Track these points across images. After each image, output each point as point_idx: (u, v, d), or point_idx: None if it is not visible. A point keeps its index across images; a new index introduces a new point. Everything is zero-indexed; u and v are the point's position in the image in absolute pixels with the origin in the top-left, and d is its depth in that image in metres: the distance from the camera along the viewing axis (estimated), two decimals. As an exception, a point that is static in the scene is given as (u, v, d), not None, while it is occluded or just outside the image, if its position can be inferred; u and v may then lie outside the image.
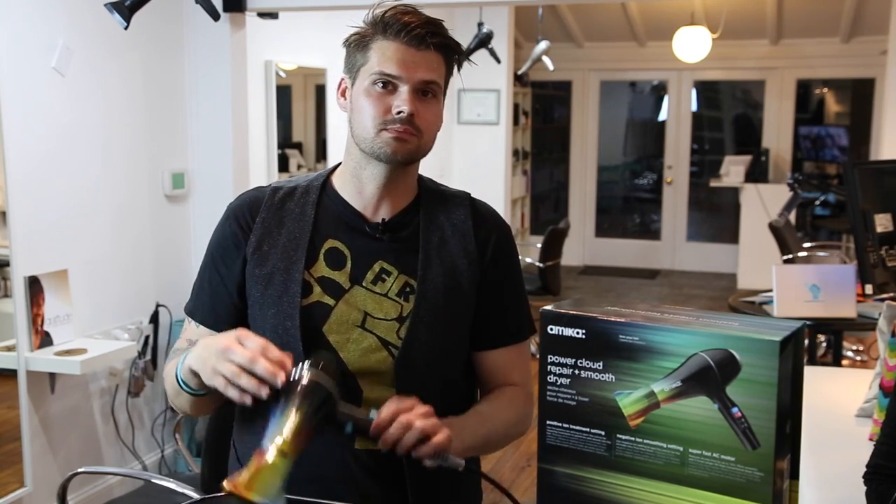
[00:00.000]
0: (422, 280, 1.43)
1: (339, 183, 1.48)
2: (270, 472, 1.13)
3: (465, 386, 1.53)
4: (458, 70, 1.46)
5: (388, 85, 1.36)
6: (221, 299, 1.48)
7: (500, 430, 1.46)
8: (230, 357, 1.20)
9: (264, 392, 1.18)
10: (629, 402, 1.07)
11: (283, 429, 1.16)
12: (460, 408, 1.50)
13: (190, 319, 1.51)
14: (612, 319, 1.08)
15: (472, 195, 1.55)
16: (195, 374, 1.28)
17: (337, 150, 5.32)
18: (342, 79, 1.45)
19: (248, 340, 1.21)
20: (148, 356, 3.74)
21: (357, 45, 1.40)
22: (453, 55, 1.42)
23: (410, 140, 1.37)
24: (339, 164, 1.50)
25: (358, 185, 1.45)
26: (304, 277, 1.42)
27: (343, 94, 1.45)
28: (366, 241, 1.44)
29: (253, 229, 1.45)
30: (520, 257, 1.59)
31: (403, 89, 1.36)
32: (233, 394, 1.20)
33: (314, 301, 1.41)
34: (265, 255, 1.44)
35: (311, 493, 1.38)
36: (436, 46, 1.38)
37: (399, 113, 1.35)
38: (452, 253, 1.46)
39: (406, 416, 1.21)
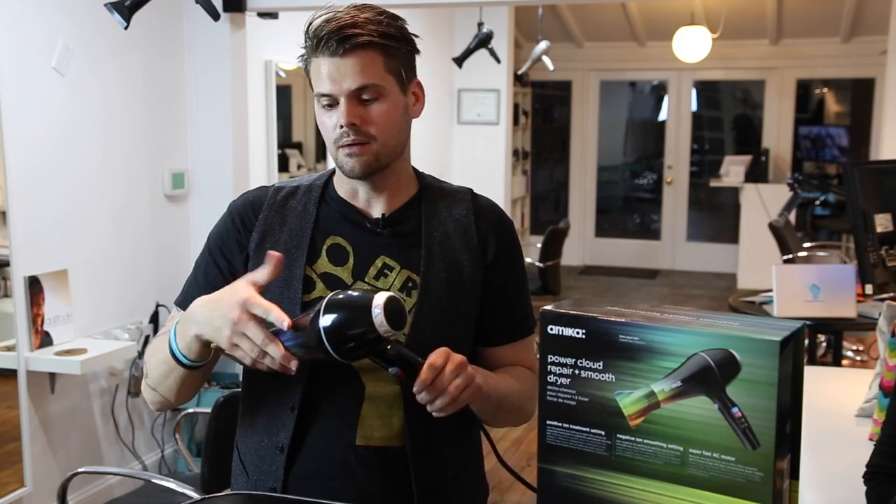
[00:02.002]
0: (425, 275, 1.43)
1: (338, 183, 1.49)
2: None
3: None
4: (419, 53, 1.42)
5: (330, 102, 1.36)
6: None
7: (516, 393, 1.47)
8: (245, 333, 1.21)
9: (293, 366, 1.21)
10: (629, 402, 1.07)
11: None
12: None
13: (179, 309, 1.47)
14: (612, 319, 1.08)
15: (473, 191, 1.54)
16: (199, 342, 1.27)
17: (337, 150, 5.31)
18: None
19: (255, 307, 1.21)
20: (148, 356, 3.73)
21: (304, 65, 1.40)
22: (389, 44, 1.36)
23: (364, 151, 1.36)
24: None
25: (352, 187, 1.46)
26: (306, 273, 1.42)
27: None
28: (367, 236, 1.45)
29: (255, 228, 1.46)
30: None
31: (341, 101, 1.35)
32: (260, 367, 1.23)
33: (317, 297, 1.41)
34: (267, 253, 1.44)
35: (312, 491, 1.38)
36: (358, 47, 1.33)
37: (340, 127, 1.35)
38: (455, 248, 1.46)
39: (440, 383, 1.24)
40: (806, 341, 3.92)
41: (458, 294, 1.45)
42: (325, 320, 1.18)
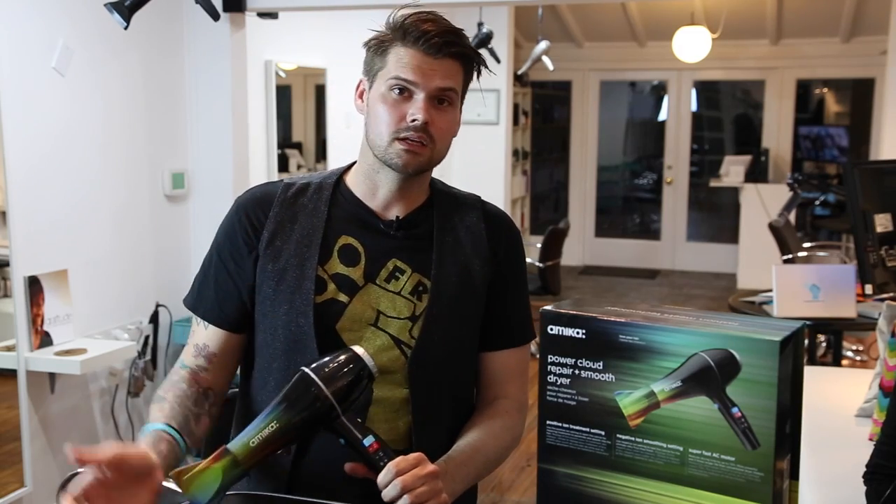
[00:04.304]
0: (436, 279, 1.43)
1: (353, 182, 1.48)
2: (212, 476, 1.14)
3: (473, 389, 1.53)
4: (478, 78, 1.46)
5: (403, 91, 1.36)
6: (229, 296, 1.46)
7: (493, 458, 1.46)
8: None
9: None
10: (629, 402, 1.07)
11: (256, 435, 1.17)
12: (469, 406, 1.50)
13: (198, 320, 1.48)
14: (612, 319, 1.08)
15: (482, 198, 1.55)
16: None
17: (337, 150, 5.32)
18: (360, 80, 1.45)
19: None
20: (148, 356, 3.74)
21: (376, 49, 1.40)
22: (472, 63, 1.42)
23: (422, 152, 1.37)
24: (354, 163, 1.50)
25: (371, 186, 1.45)
26: (318, 273, 1.41)
27: (361, 96, 1.45)
28: (380, 238, 1.44)
29: (265, 225, 1.44)
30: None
31: (419, 97, 1.36)
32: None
33: (328, 298, 1.41)
34: (278, 251, 1.43)
35: (312, 494, 1.38)
36: (454, 55, 1.37)
37: (413, 121, 1.35)
38: (466, 253, 1.46)
39: (403, 480, 1.20)
40: (806, 341, 3.92)
41: (468, 299, 1.45)
42: (312, 367, 1.21)
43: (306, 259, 1.41)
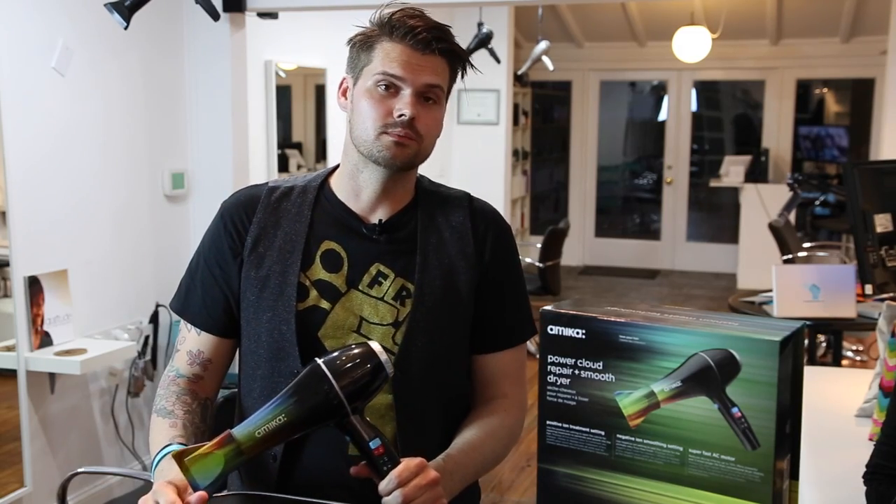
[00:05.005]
0: (419, 283, 1.40)
1: (337, 184, 1.46)
2: (214, 462, 1.14)
3: (465, 389, 1.51)
4: (462, 77, 1.44)
5: (390, 87, 1.34)
6: (216, 301, 1.45)
7: (490, 457, 1.45)
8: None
9: None
10: (629, 402, 1.07)
11: (263, 426, 1.15)
12: (458, 412, 1.48)
13: (188, 326, 1.47)
14: (612, 319, 1.08)
15: (471, 195, 1.53)
16: None
17: (337, 150, 5.31)
18: (344, 78, 1.43)
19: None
20: (148, 356, 3.74)
21: (362, 44, 1.38)
22: (458, 62, 1.40)
23: (410, 145, 1.35)
24: (338, 165, 1.48)
25: (355, 187, 1.43)
26: (300, 280, 1.40)
27: (344, 94, 1.43)
28: (362, 242, 1.42)
29: (249, 230, 1.43)
30: (520, 257, 1.57)
31: (406, 92, 1.34)
32: None
33: (310, 305, 1.39)
34: (261, 257, 1.42)
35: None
36: (441, 52, 1.36)
37: (400, 116, 1.33)
38: (450, 255, 1.44)
39: (404, 492, 1.19)
40: (806, 341, 3.92)
41: (453, 303, 1.43)
42: (326, 359, 1.18)
43: (288, 266, 1.40)
